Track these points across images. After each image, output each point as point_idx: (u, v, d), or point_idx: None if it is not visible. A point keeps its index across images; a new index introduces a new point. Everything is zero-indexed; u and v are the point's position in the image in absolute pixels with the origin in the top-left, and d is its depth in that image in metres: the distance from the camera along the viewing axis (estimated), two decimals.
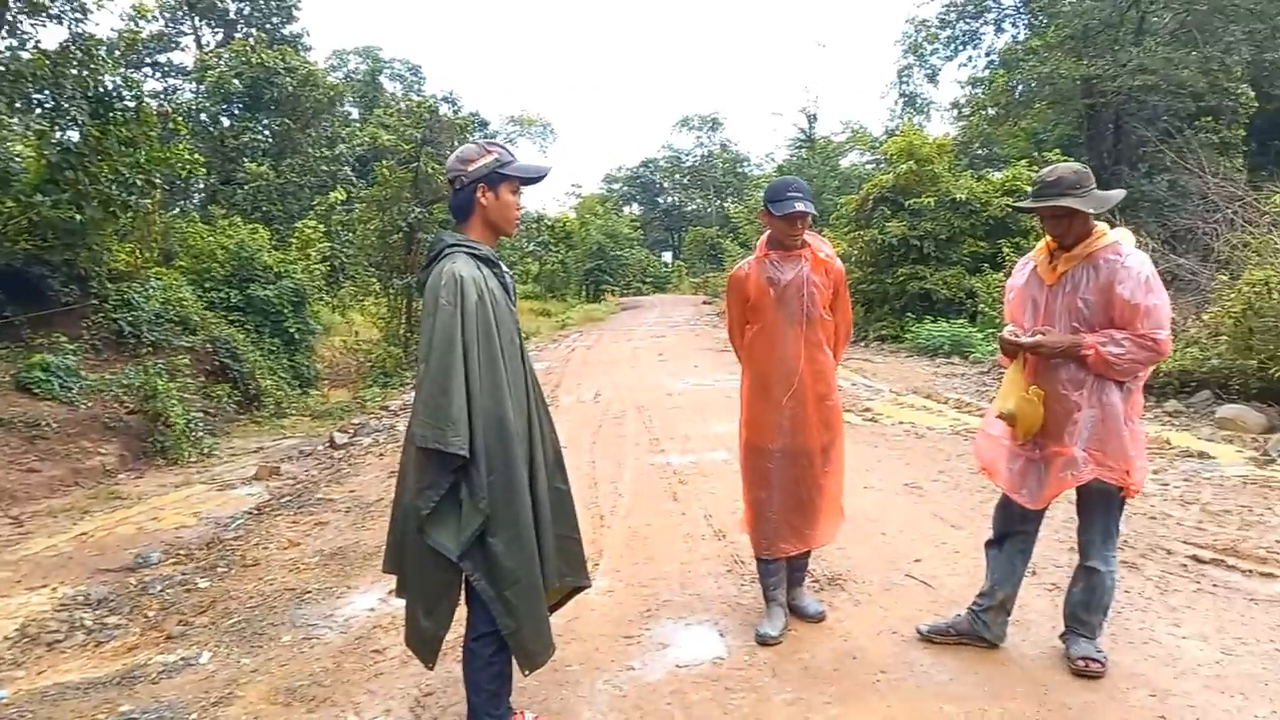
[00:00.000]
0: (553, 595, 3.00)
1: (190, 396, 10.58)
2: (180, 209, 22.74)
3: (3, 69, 10.09)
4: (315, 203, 23.22)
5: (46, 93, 10.52)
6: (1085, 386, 3.19)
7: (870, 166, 29.88)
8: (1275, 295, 7.74)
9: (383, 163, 19.33)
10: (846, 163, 33.60)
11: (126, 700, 3.59)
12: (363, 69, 43.80)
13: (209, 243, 15.00)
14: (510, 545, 2.69)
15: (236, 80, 24.00)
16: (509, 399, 2.73)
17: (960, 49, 27.85)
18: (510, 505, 2.70)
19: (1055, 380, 3.24)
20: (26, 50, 10.88)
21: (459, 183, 2.85)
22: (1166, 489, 5.95)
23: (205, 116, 24.59)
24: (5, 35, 11.06)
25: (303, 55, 28.06)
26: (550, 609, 2.97)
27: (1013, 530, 3.48)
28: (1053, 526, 4.47)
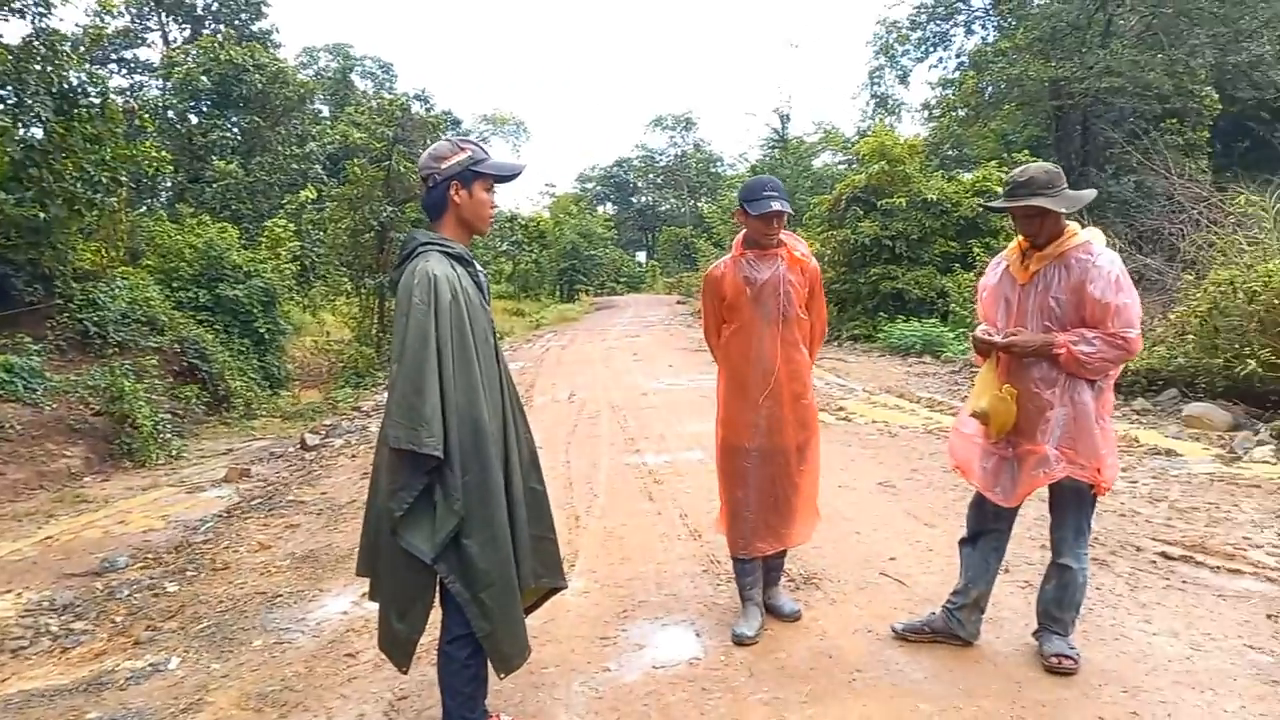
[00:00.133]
0: (528, 597, 2.98)
1: (158, 398, 10.42)
2: (147, 207, 22.41)
3: None
4: (285, 201, 23.00)
5: (9, 89, 10.30)
6: (1057, 385, 3.22)
7: (842, 167, 30.06)
8: (1240, 295, 7.86)
9: (354, 161, 19.16)
10: (819, 163, 33.77)
11: (94, 708, 3.52)
12: (333, 66, 43.38)
13: (177, 241, 14.76)
14: (485, 547, 2.67)
15: (204, 77, 23.70)
16: (483, 399, 2.71)
17: (931, 50, 28.06)
18: (485, 506, 2.67)
19: (1027, 379, 3.27)
20: None
21: (432, 180, 2.82)
22: (1135, 486, 6.03)
23: (173, 114, 24.28)
24: None
25: (272, 52, 27.78)
26: (526, 610, 2.95)
27: (986, 528, 3.51)
28: (1024, 524, 4.51)
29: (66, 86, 10.51)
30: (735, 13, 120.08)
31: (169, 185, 23.56)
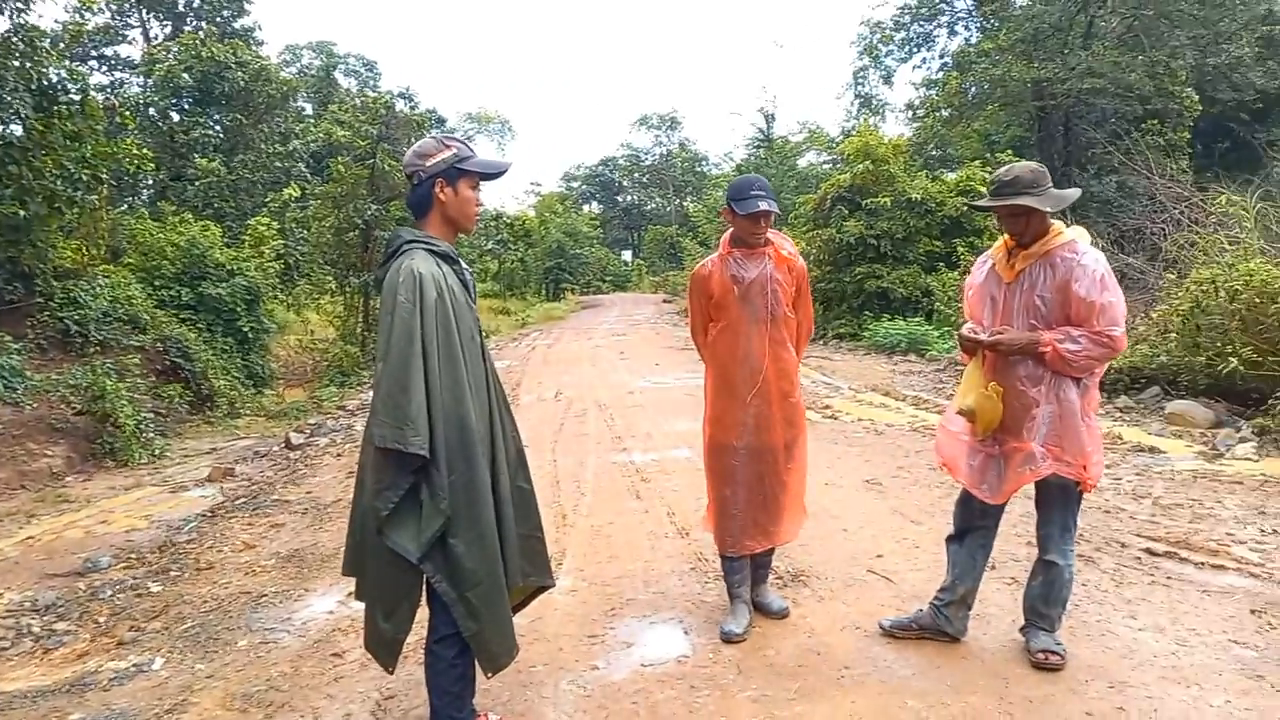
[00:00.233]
0: (516, 595, 2.97)
1: (140, 397, 10.31)
2: (129, 205, 22.17)
3: None
4: (269, 199, 22.81)
5: None
6: (1043, 383, 3.24)
7: (827, 166, 30.14)
8: (1222, 294, 7.92)
9: (338, 159, 19.03)
10: (804, 163, 33.85)
11: (77, 709, 3.49)
12: (316, 64, 43.08)
13: (159, 240, 14.61)
14: (472, 546, 2.65)
15: (186, 74, 23.46)
16: (470, 397, 2.69)
17: (914, 51, 28.20)
18: (472, 505, 2.66)
19: (1013, 377, 3.28)
20: None
21: (417, 178, 2.80)
22: (1119, 483, 6.08)
23: (154, 111, 24.05)
24: None
25: (254, 49, 27.50)
26: (514, 609, 2.94)
27: (973, 525, 3.52)
28: (1010, 521, 4.53)
29: (46, 83, 10.38)
30: (720, 12, 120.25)
31: (150, 183, 23.31)
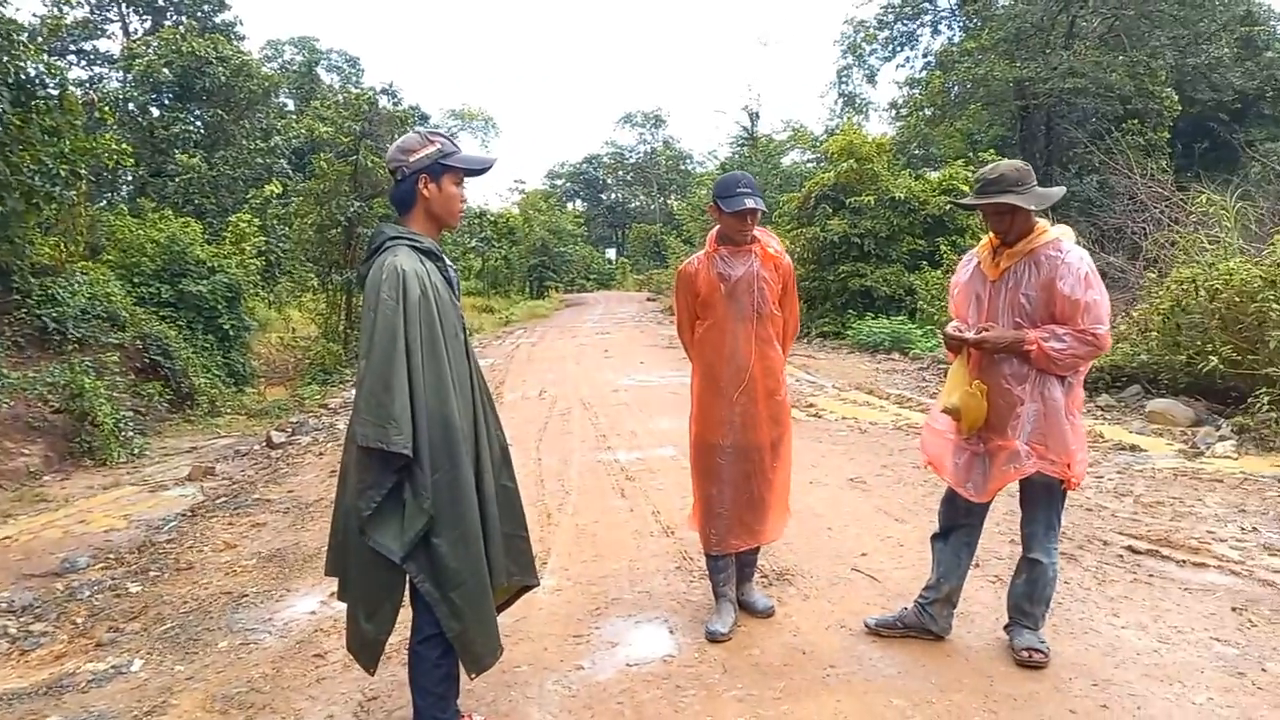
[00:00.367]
0: (501, 595, 2.95)
1: (119, 395, 10.20)
2: (108, 201, 21.96)
3: None
4: (250, 196, 22.61)
5: None
6: (1028, 381, 3.24)
7: (811, 165, 30.21)
8: (1202, 293, 7.98)
9: (320, 155, 18.88)
10: (788, 161, 33.90)
11: (54, 711, 3.44)
12: (299, 60, 42.72)
13: (138, 236, 14.47)
14: (456, 546, 2.63)
15: (166, 69, 23.21)
16: (453, 395, 2.66)
17: (898, 50, 28.31)
18: (456, 505, 2.63)
19: (998, 375, 3.28)
20: None
21: (400, 173, 2.77)
22: (1101, 481, 6.11)
23: (133, 106, 23.75)
24: None
25: (236, 45, 27.25)
26: (498, 608, 2.92)
27: (958, 523, 3.52)
28: (994, 519, 4.54)
29: (24, 78, 10.23)
30: (704, 10, 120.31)
31: (130, 179, 23.09)
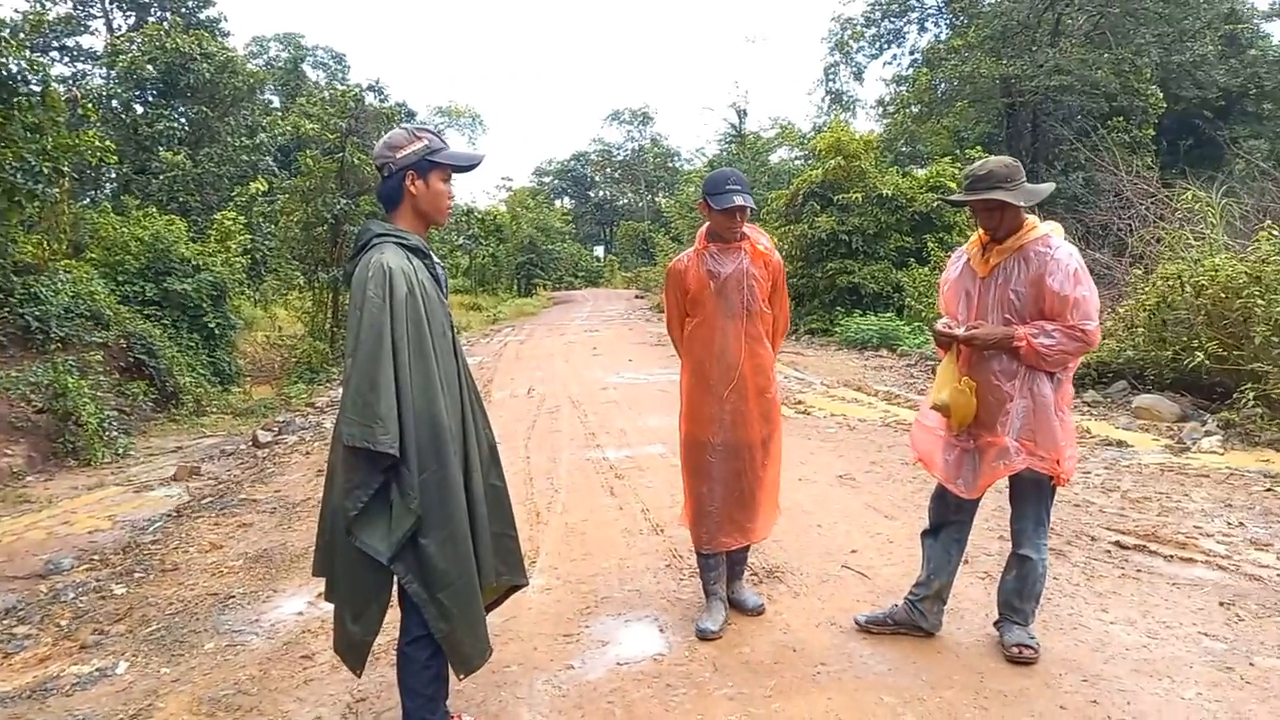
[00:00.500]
0: (489, 594, 2.93)
1: (103, 394, 10.12)
2: (91, 199, 21.80)
3: None
4: (235, 193, 22.46)
5: None
6: (1017, 377, 3.24)
7: (799, 162, 30.25)
8: (1187, 289, 8.02)
9: (306, 153, 18.76)
10: (776, 158, 33.94)
11: (38, 715, 3.40)
12: (284, 56, 42.43)
13: (122, 234, 14.34)
14: (444, 546, 2.60)
15: (150, 66, 23.04)
16: (441, 394, 2.64)
17: (885, 47, 28.36)
18: (444, 504, 2.61)
19: (988, 371, 3.28)
20: None
21: (387, 170, 2.74)
22: (1089, 477, 6.14)
23: (117, 103, 23.56)
24: None
25: (220, 41, 27.05)
26: (487, 608, 2.90)
27: (948, 520, 3.52)
28: (983, 515, 4.54)
29: (5, 74, 10.13)
30: (692, 7, 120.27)
31: (114, 176, 22.90)
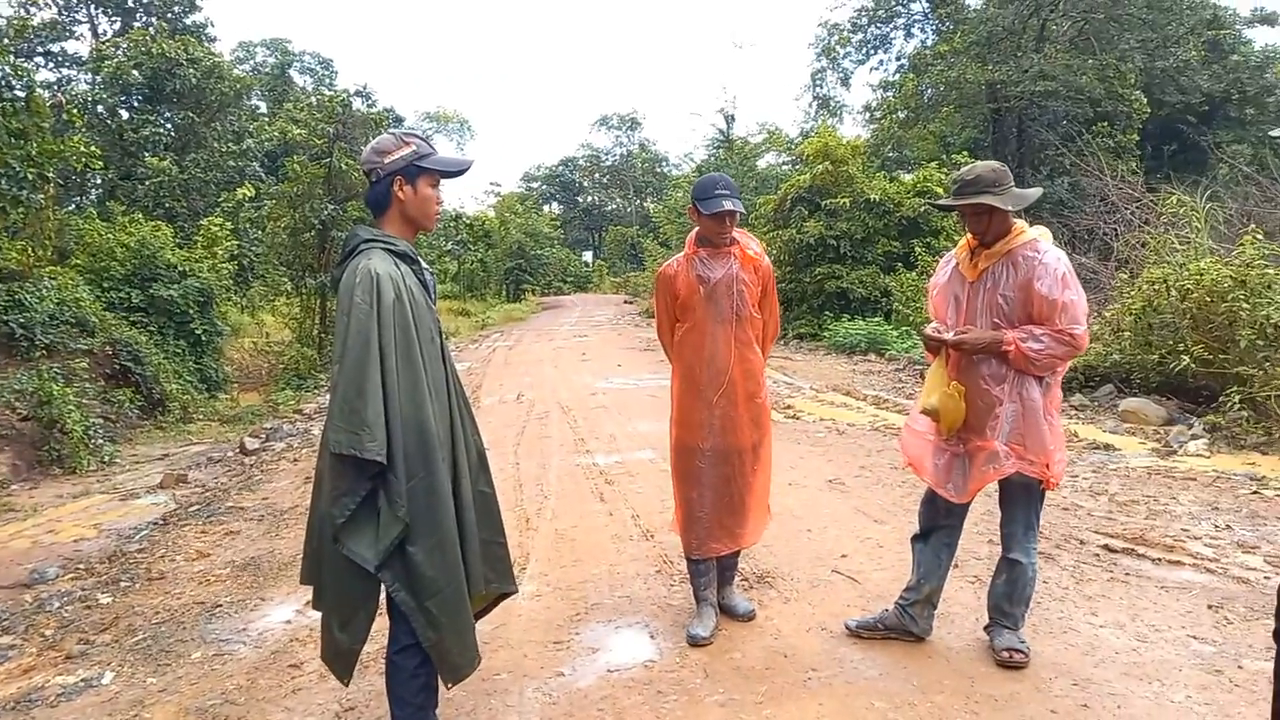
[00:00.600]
0: (478, 602, 2.90)
1: (89, 402, 10.05)
2: (76, 205, 21.66)
3: None
4: (222, 199, 22.39)
5: None
6: (1006, 382, 3.25)
7: (786, 167, 30.33)
8: (1173, 293, 8.07)
9: (293, 158, 18.67)
10: (763, 164, 34.04)
11: None
12: (271, 62, 42.35)
13: (108, 240, 14.26)
14: (432, 553, 2.58)
15: (136, 71, 22.93)
16: (429, 401, 2.62)
17: (871, 53, 28.46)
18: (432, 512, 2.59)
19: (977, 376, 3.29)
20: None
21: (375, 175, 2.73)
22: (1076, 480, 6.16)
23: (102, 108, 23.45)
24: None
25: (207, 46, 26.97)
26: (476, 615, 2.87)
27: (938, 524, 3.52)
28: (973, 519, 4.55)
29: None
30: (679, 13, 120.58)
31: (99, 182, 22.77)
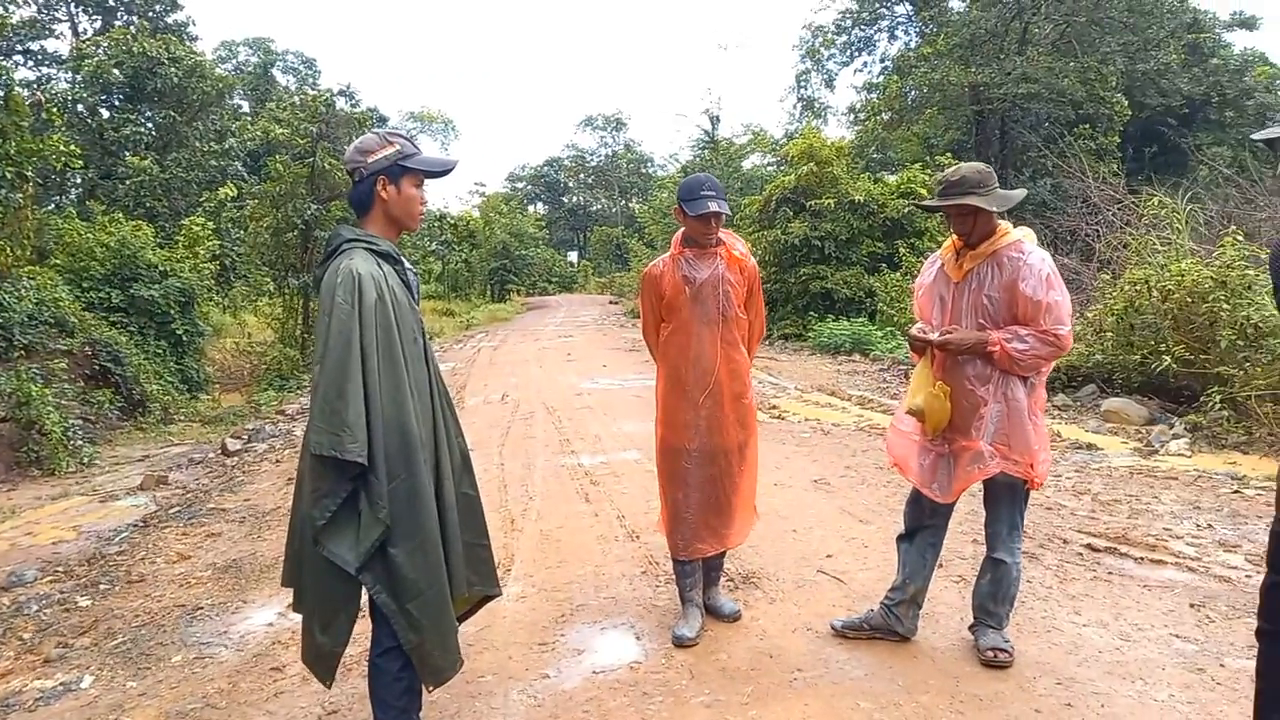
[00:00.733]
0: (462, 604, 2.88)
1: (68, 403, 9.94)
2: (55, 204, 21.47)
3: None
4: (204, 199, 22.23)
5: None
6: (991, 382, 3.26)
7: (771, 168, 30.39)
8: (1155, 293, 8.14)
9: (276, 158, 18.56)
10: (748, 164, 34.09)
11: None
12: (253, 61, 42.11)
13: (87, 240, 14.13)
14: (413, 555, 2.56)
15: (117, 70, 22.75)
16: (411, 402, 2.60)
17: (855, 55, 28.56)
18: (414, 514, 2.56)
19: (962, 376, 3.30)
20: None
21: (359, 174, 2.70)
22: (1059, 480, 6.19)
23: (83, 107, 23.24)
24: None
25: (188, 45, 26.77)
26: (460, 618, 2.85)
27: (923, 524, 3.53)
28: (957, 519, 4.55)
29: None
30: (665, 14, 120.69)
31: (79, 181, 22.60)
